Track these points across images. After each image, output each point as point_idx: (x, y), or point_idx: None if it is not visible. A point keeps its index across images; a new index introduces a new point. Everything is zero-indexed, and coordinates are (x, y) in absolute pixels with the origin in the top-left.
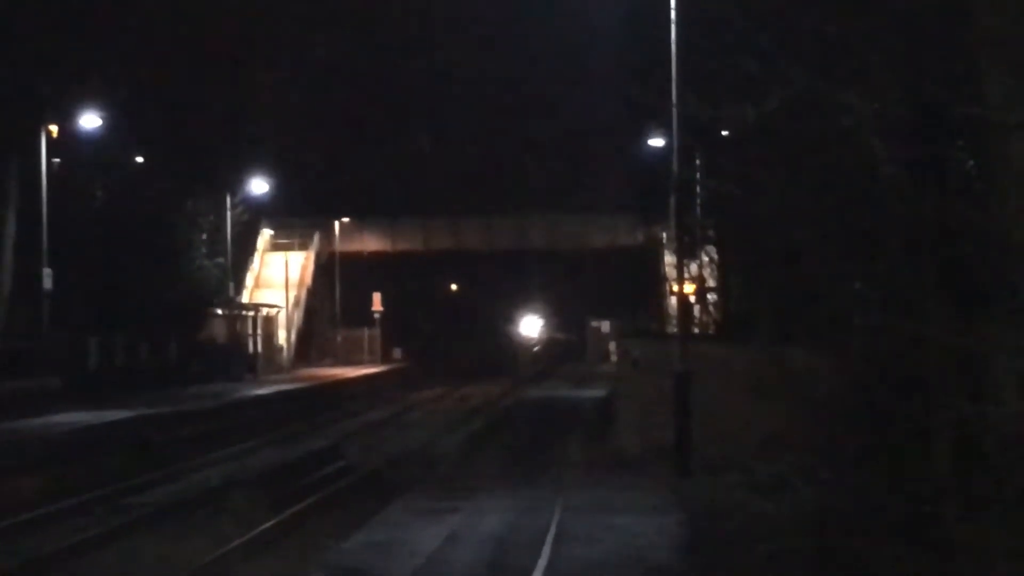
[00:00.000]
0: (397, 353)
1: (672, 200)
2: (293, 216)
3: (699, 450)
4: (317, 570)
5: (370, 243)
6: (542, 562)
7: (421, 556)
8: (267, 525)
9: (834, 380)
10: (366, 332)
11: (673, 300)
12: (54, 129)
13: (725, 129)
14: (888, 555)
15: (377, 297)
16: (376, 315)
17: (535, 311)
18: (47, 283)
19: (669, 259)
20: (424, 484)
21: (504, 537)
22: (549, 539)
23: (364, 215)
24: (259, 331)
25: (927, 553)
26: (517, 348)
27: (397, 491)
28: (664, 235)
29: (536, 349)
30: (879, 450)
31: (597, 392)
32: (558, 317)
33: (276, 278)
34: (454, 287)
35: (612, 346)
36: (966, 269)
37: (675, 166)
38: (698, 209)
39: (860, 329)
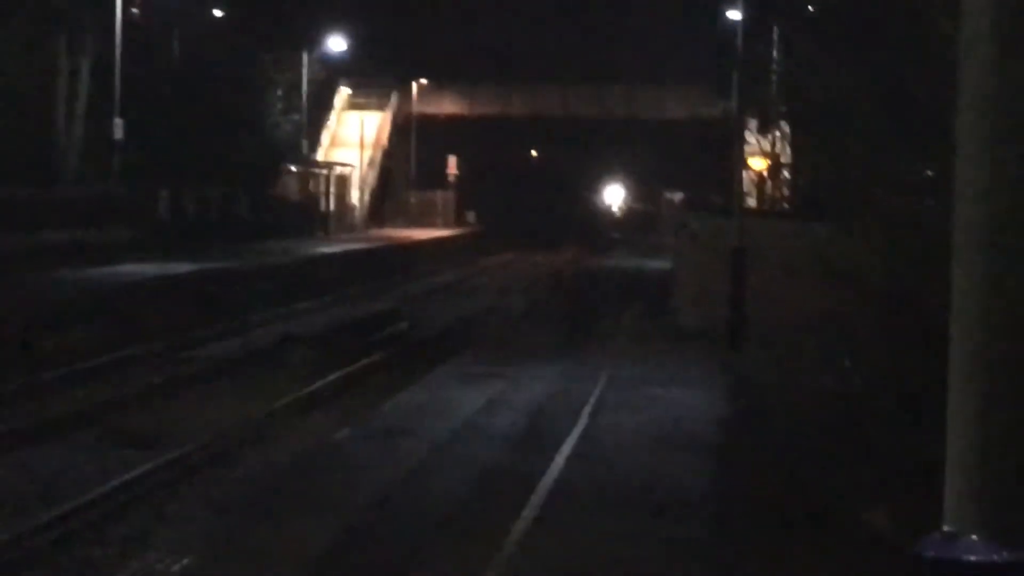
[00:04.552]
0: (470, 217)
1: (735, 78)
2: (371, 76)
3: (754, 325)
4: (353, 428)
5: (448, 106)
6: (576, 430)
7: (458, 420)
8: (319, 384)
9: (887, 263)
10: (440, 195)
11: (743, 175)
12: None
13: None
14: (924, 440)
15: (453, 160)
16: (451, 178)
17: (616, 180)
18: (118, 133)
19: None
20: (475, 349)
21: (544, 404)
22: (588, 408)
23: (443, 77)
24: (332, 189)
25: None
26: (595, 217)
27: (452, 355)
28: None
29: (615, 219)
30: (924, 337)
31: (664, 263)
32: (636, 187)
33: (352, 137)
34: (534, 153)
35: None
36: None
37: (739, 44)
38: (773, 85)
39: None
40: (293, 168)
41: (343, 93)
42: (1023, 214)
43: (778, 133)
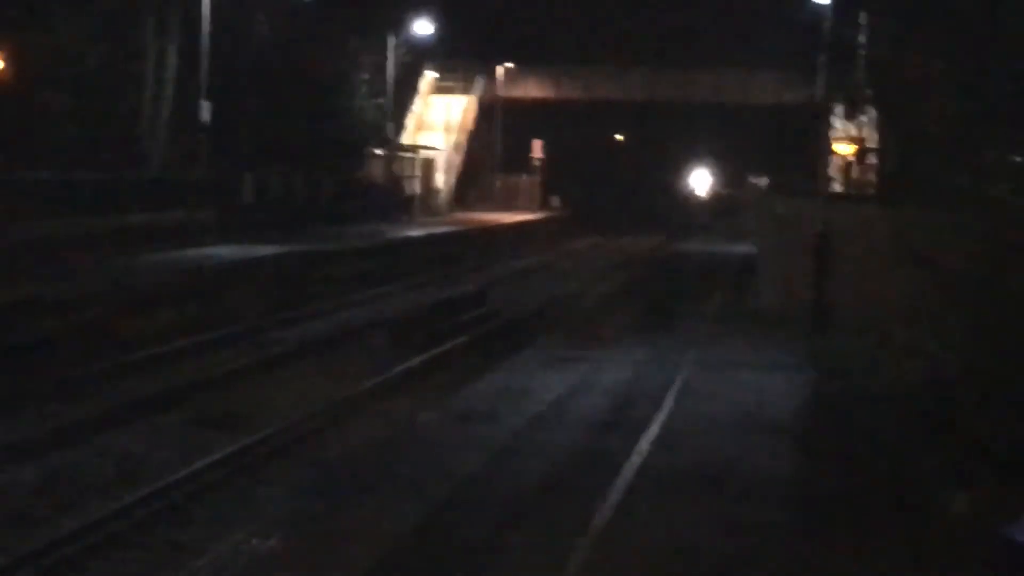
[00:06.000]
0: (555, 201)
1: (822, 61)
2: (456, 59)
3: (839, 309)
4: (437, 411)
5: (533, 90)
6: (660, 415)
7: (542, 403)
8: (403, 366)
9: (976, 249)
10: (524, 179)
11: (830, 159)
12: None
13: None
14: (1011, 427)
15: (537, 144)
16: (536, 162)
17: (702, 165)
18: (204, 116)
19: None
20: (560, 331)
21: (629, 388)
22: (672, 393)
23: (528, 61)
24: (417, 173)
25: None
26: (681, 201)
27: (537, 337)
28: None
29: (701, 203)
30: (1014, 323)
31: (749, 248)
32: (722, 172)
33: (437, 121)
34: (619, 137)
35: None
36: None
37: (827, 29)
38: (861, 70)
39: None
40: (378, 152)
41: (428, 77)
42: None
43: (864, 118)
